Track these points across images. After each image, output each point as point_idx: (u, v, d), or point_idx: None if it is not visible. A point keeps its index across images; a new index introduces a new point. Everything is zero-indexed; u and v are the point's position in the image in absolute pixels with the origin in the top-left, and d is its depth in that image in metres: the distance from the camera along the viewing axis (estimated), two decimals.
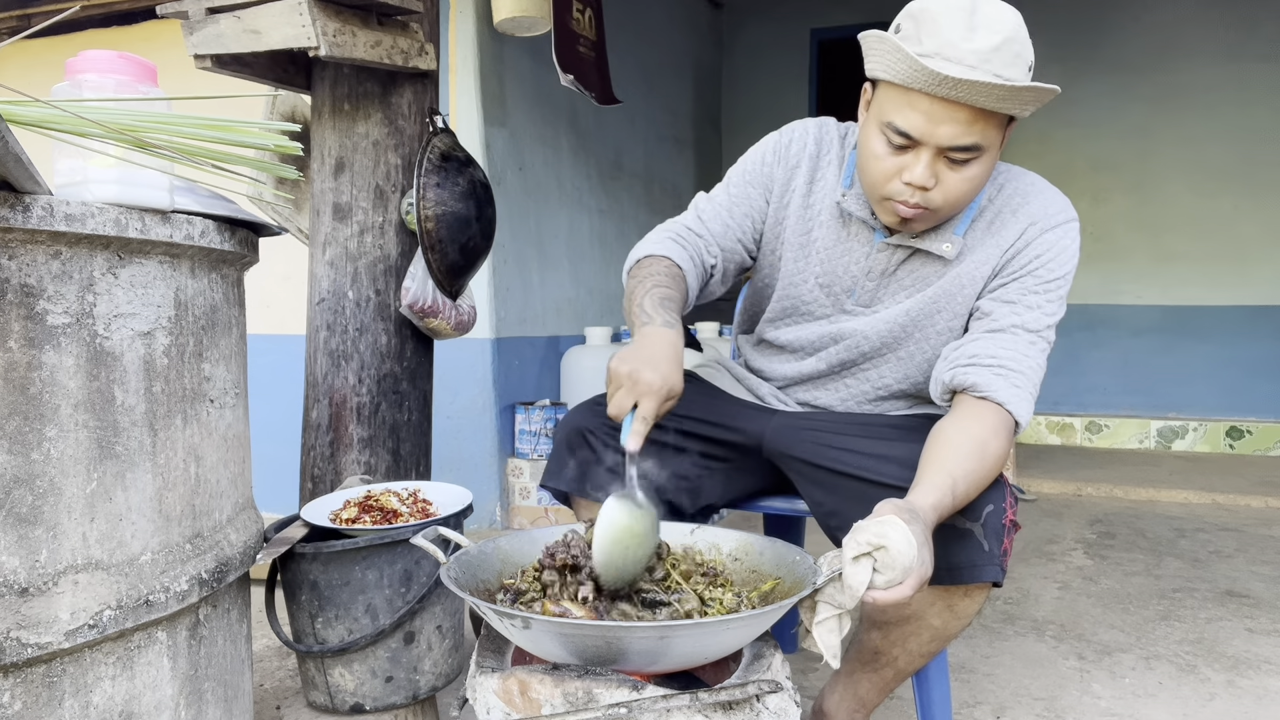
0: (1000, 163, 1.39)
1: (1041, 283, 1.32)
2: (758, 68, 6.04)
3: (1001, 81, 1.12)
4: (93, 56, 1.07)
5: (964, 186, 1.24)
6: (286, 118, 2.18)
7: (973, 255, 1.36)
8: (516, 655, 1.13)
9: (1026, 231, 1.33)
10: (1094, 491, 4.09)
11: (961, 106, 1.16)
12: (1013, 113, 1.19)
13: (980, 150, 1.21)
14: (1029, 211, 1.34)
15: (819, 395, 1.53)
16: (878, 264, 1.40)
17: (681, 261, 1.37)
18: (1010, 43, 1.15)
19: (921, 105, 1.18)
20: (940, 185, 1.24)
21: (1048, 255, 1.32)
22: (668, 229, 1.45)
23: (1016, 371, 1.25)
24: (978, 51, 1.14)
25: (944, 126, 1.18)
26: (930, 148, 1.21)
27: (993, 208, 1.36)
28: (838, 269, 1.43)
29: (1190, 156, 5.17)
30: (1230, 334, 5.15)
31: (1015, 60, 1.16)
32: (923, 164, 1.22)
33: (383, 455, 1.96)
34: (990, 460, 1.19)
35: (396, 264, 1.97)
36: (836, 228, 1.43)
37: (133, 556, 1.06)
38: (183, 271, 1.14)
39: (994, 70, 1.14)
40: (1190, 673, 2.03)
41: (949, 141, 1.19)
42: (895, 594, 0.99)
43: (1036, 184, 1.38)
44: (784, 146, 1.47)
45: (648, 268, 1.35)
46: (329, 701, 1.56)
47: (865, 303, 1.43)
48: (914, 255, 1.38)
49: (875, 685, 1.40)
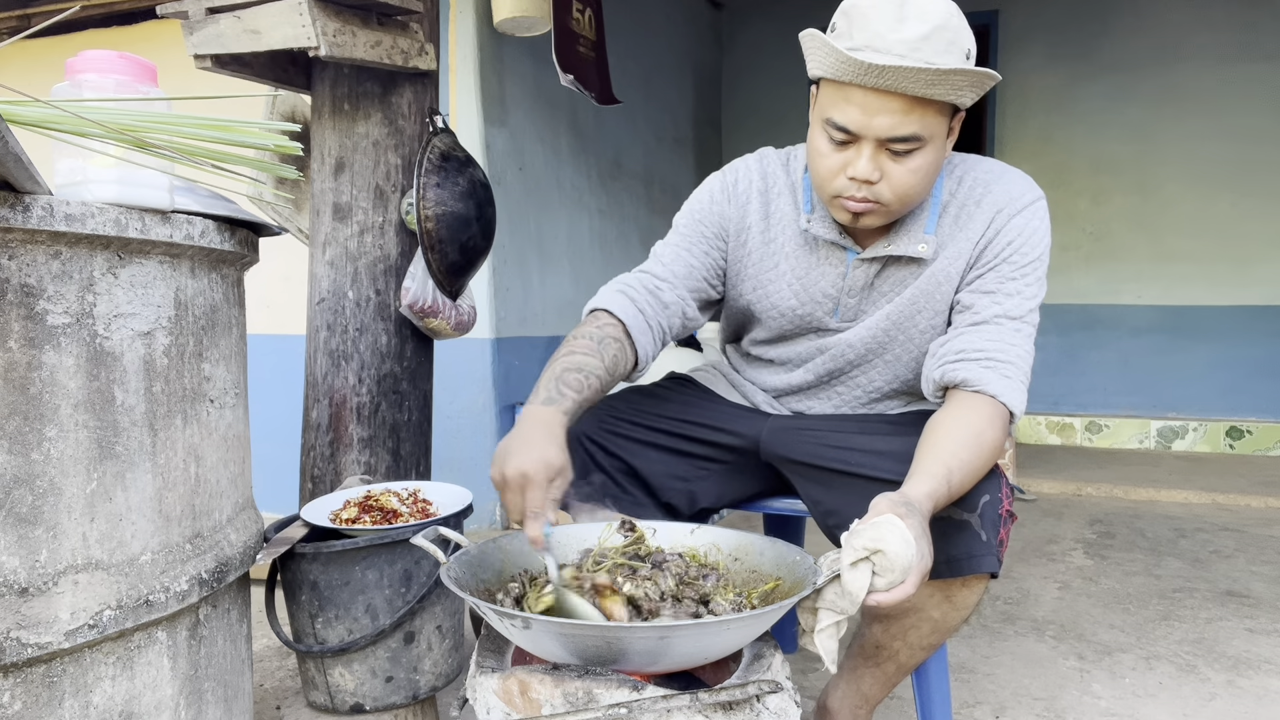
0: (955, 154, 1.39)
1: (1017, 268, 1.32)
2: (758, 68, 6.04)
3: (927, 66, 1.13)
4: (93, 56, 1.07)
5: (910, 179, 1.24)
6: (286, 118, 2.18)
7: (944, 252, 1.35)
8: (516, 655, 1.13)
9: (994, 220, 1.33)
10: (1094, 491, 4.09)
11: (895, 96, 1.17)
12: (948, 99, 1.19)
13: (921, 141, 1.21)
14: (993, 199, 1.34)
15: (812, 405, 1.53)
16: (856, 280, 1.39)
17: (625, 315, 1.35)
18: (941, 30, 1.16)
19: (856, 98, 1.19)
20: (886, 179, 1.24)
21: (1019, 240, 1.32)
22: (621, 279, 1.42)
23: (1005, 362, 1.25)
24: (906, 41, 1.15)
25: (880, 118, 1.19)
26: (870, 140, 1.21)
27: (956, 201, 1.36)
28: (815, 294, 1.42)
29: (1190, 157, 5.17)
30: (1230, 334, 5.15)
31: (948, 48, 1.16)
32: (865, 158, 1.22)
33: (383, 455, 1.96)
34: (986, 450, 1.19)
35: (396, 264, 1.97)
36: (804, 255, 1.42)
37: (133, 556, 1.06)
38: (183, 271, 1.14)
39: (924, 58, 1.15)
40: (1190, 673, 2.03)
41: (886, 132, 1.20)
42: (898, 593, 0.98)
43: (994, 169, 1.38)
44: (730, 185, 1.46)
45: (581, 329, 1.33)
46: (329, 701, 1.56)
47: (849, 318, 1.43)
48: (890, 262, 1.38)
49: (877, 680, 1.40)
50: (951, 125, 1.26)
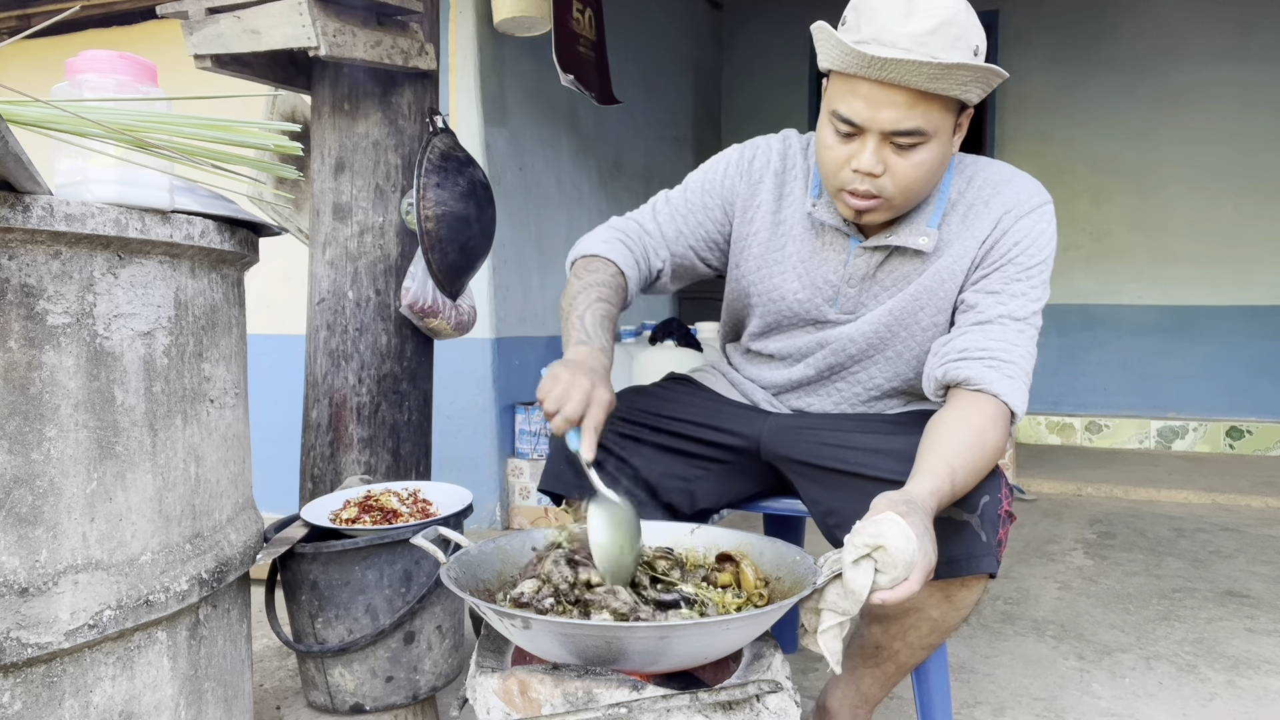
0: (967, 155, 1.40)
1: (1022, 270, 1.32)
2: (758, 68, 6.04)
3: (932, 60, 1.13)
4: (93, 56, 1.07)
5: (914, 173, 1.24)
6: (286, 118, 2.18)
7: (950, 249, 1.36)
8: (516, 655, 1.13)
9: (1001, 220, 1.33)
10: (1094, 491, 4.09)
11: (899, 89, 1.18)
12: (952, 94, 1.19)
13: (925, 135, 1.22)
14: (1002, 200, 1.34)
15: (812, 402, 1.53)
16: (857, 269, 1.40)
17: (626, 267, 1.40)
18: (948, 25, 1.16)
19: (862, 90, 1.20)
20: (890, 172, 1.24)
21: (1026, 241, 1.32)
22: (619, 227, 1.46)
23: (1008, 362, 1.26)
24: (913, 35, 1.15)
25: (884, 111, 1.19)
26: (874, 133, 1.22)
27: (964, 200, 1.36)
28: (817, 280, 1.43)
29: (1191, 157, 5.17)
30: (1230, 334, 5.15)
31: (955, 43, 1.17)
32: (869, 150, 1.23)
33: (383, 455, 1.96)
34: (989, 450, 1.19)
35: (396, 264, 1.97)
36: (810, 239, 1.43)
37: (133, 556, 1.06)
38: (183, 271, 1.14)
39: (930, 52, 1.15)
40: (1190, 673, 2.03)
41: (891, 126, 1.20)
42: (902, 591, 0.98)
43: (1005, 172, 1.38)
44: (747, 161, 1.47)
45: (592, 272, 1.37)
46: (329, 701, 1.56)
47: (849, 309, 1.43)
48: (892, 255, 1.38)
49: (877, 680, 1.40)
50: (959, 121, 1.26)
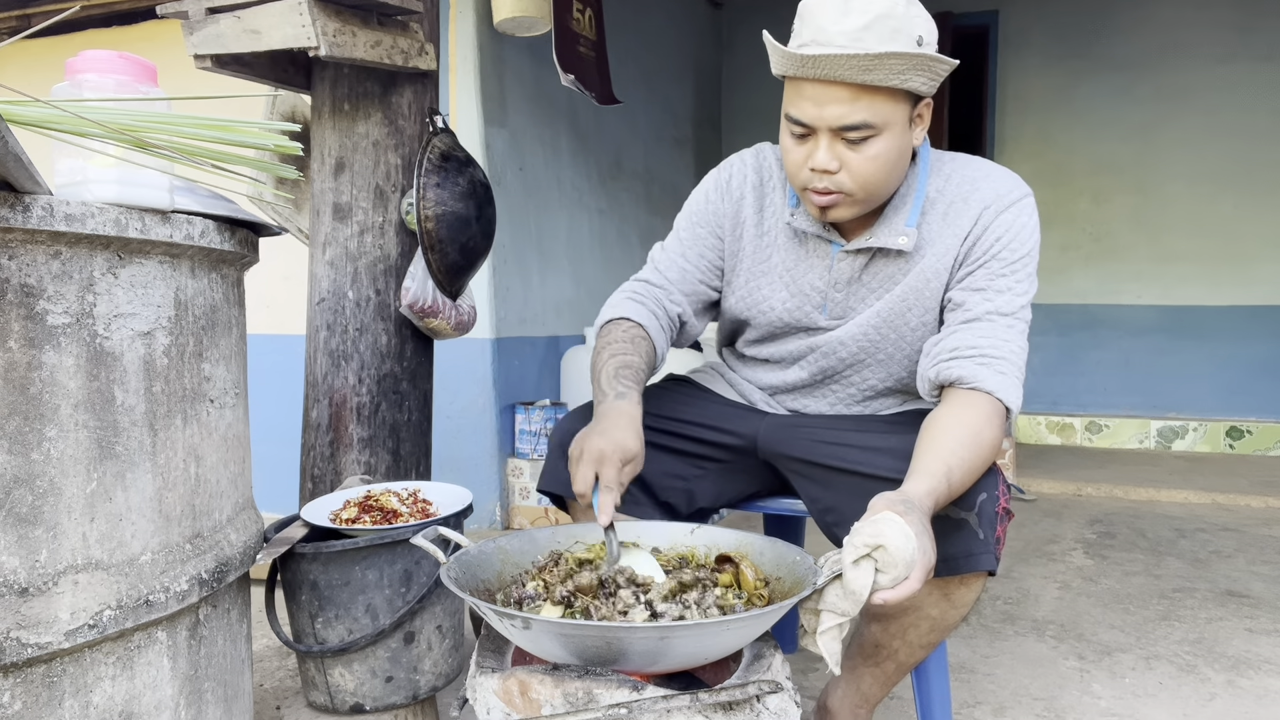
0: (945, 153, 1.41)
1: (1007, 265, 1.32)
2: (758, 68, 6.02)
3: (862, 51, 1.15)
4: (93, 56, 1.07)
5: (869, 166, 1.26)
6: (286, 118, 2.18)
7: (932, 248, 1.36)
8: (516, 655, 1.13)
9: (982, 216, 1.34)
10: (1094, 491, 4.09)
11: (839, 85, 1.20)
12: (891, 83, 1.20)
13: (874, 128, 1.23)
14: (980, 196, 1.35)
15: (808, 404, 1.53)
16: (841, 274, 1.40)
17: (642, 319, 1.42)
18: (885, 19, 1.17)
19: (806, 91, 1.23)
20: (845, 168, 1.26)
21: (1008, 236, 1.33)
22: (626, 288, 1.49)
23: (999, 358, 1.26)
24: (847, 32, 1.17)
25: (829, 108, 1.22)
26: (824, 131, 1.24)
27: (944, 199, 1.37)
28: (804, 287, 1.43)
29: (1191, 157, 5.17)
30: (1230, 334, 5.15)
31: (894, 35, 1.18)
32: (822, 148, 1.25)
33: (383, 455, 1.96)
34: (985, 447, 1.20)
35: (396, 264, 1.97)
36: (794, 248, 1.44)
37: (133, 556, 1.06)
38: (183, 271, 1.14)
39: (865, 46, 1.17)
40: (1190, 673, 2.03)
41: (837, 122, 1.22)
42: (903, 590, 0.98)
43: (983, 168, 1.39)
44: (724, 182, 1.49)
45: (608, 335, 1.40)
46: (329, 701, 1.56)
47: (838, 314, 1.43)
48: (875, 258, 1.39)
49: (877, 679, 1.40)
50: (919, 113, 1.28)
